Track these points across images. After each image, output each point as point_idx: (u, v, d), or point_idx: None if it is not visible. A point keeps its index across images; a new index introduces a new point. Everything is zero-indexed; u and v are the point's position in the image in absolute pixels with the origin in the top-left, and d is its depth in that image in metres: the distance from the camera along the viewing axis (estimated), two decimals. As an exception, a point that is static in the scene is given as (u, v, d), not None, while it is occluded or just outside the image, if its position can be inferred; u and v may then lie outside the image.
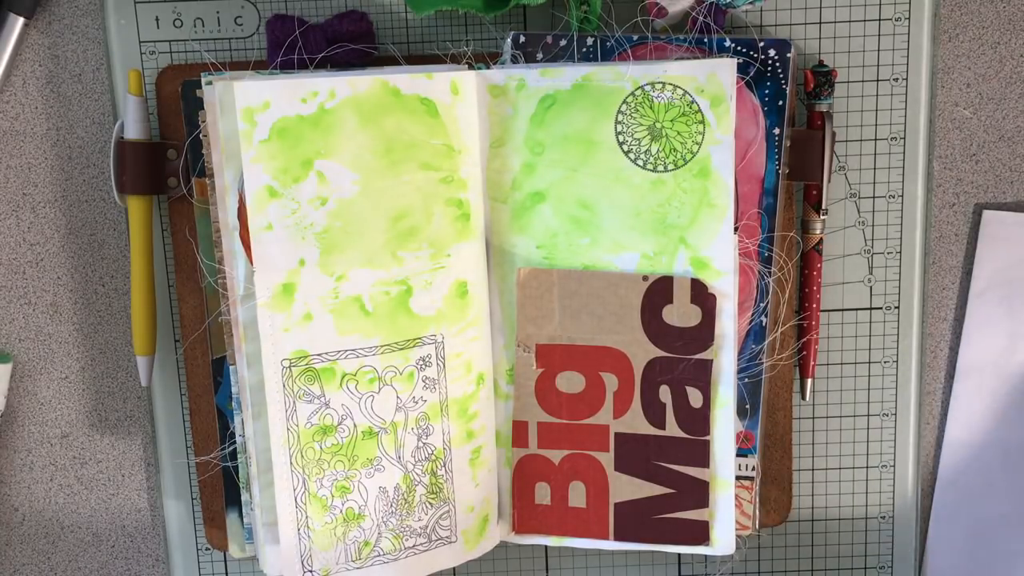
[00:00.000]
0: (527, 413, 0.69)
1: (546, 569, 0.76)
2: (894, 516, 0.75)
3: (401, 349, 0.65)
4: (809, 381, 0.72)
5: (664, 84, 0.64)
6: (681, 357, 0.67)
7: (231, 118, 0.61)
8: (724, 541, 0.69)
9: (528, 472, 0.70)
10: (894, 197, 0.71)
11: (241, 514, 0.71)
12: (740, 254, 0.67)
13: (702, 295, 0.66)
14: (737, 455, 0.69)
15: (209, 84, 0.61)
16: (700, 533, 0.69)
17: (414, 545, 0.68)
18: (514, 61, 0.67)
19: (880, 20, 0.69)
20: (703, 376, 0.67)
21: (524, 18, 0.70)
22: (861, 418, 0.74)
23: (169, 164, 0.69)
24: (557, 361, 0.68)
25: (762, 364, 0.69)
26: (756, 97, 0.67)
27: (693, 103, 0.64)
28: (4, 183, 0.72)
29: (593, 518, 0.70)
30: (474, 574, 0.76)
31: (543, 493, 0.70)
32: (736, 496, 0.70)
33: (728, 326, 0.67)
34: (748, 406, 0.70)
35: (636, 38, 0.67)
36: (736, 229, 0.66)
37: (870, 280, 0.72)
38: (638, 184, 0.65)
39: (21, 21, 0.69)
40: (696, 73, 0.64)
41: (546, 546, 0.76)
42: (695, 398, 0.68)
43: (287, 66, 0.66)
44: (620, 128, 0.65)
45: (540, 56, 0.67)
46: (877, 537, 0.76)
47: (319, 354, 0.64)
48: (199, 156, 0.67)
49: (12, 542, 0.76)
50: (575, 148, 0.66)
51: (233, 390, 0.66)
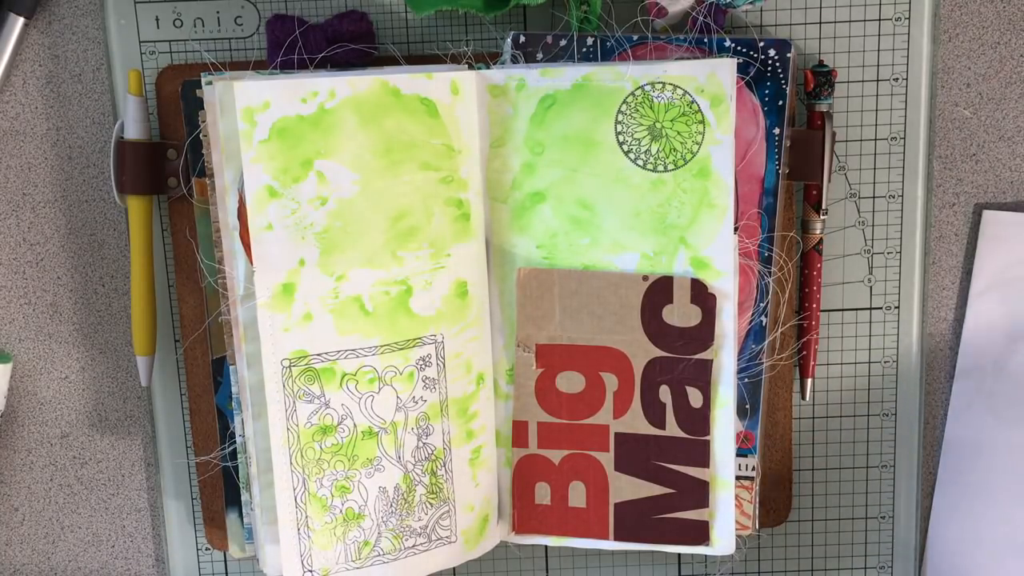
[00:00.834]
0: (527, 413, 0.69)
1: (546, 569, 0.76)
2: (894, 516, 0.75)
3: (401, 349, 0.65)
4: (809, 381, 0.72)
5: (664, 84, 0.64)
6: (681, 357, 0.67)
7: (231, 118, 0.61)
8: (724, 541, 0.69)
9: (528, 472, 0.70)
10: (894, 197, 0.71)
11: (241, 514, 0.71)
12: (740, 254, 0.67)
13: (702, 295, 0.66)
14: (737, 455, 0.69)
15: (209, 84, 0.61)
16: (700, 533, 0.69)
17: (414, 545, 0.68)
18: (514, 61, 0.67)
19: (880, 20, 0.69)
20: (703, 376, 0.67)
21: (524, 18, 0.70)
22: (861, 418, 0.74)
23: (169, 164, 0.69)
24: (557, 361, 0.68)
25: (762, 364, 0.69)
26: (756, 97, 0.67)
27: (693, 103, 0.64)
28: (4, 183, 0.72)
29: (593, 518, 0.70)
30: (474, 574, 0.76)
31: (543, 493, 0.70)
32: (736, 496, 0.70)
33: (728, 326, 0.67)
34: (748, 406, 0.70)
35: (636, 38, 0.67)
36: (736, 229, 0.66)
37: (870, 280, 0.72)
38: (638, 184, 0.65)
39: (21, 21, 0.69)
40: (696, 73, 0.64)
41: (546, 546, 0.76)
42: (695, 398, 0.68)
43: (287, 66, 0.66)
44: (620, 128, 0.65)
45: (540, 56, 0.67)
46: (877, 537, 0.76)
47: (319, 354, 0.64)
48: (199, 156, 0.67)
49: (12, 542, 0.76)
50: (575, 148, 0.66)
51: (233, 390, 0.66)
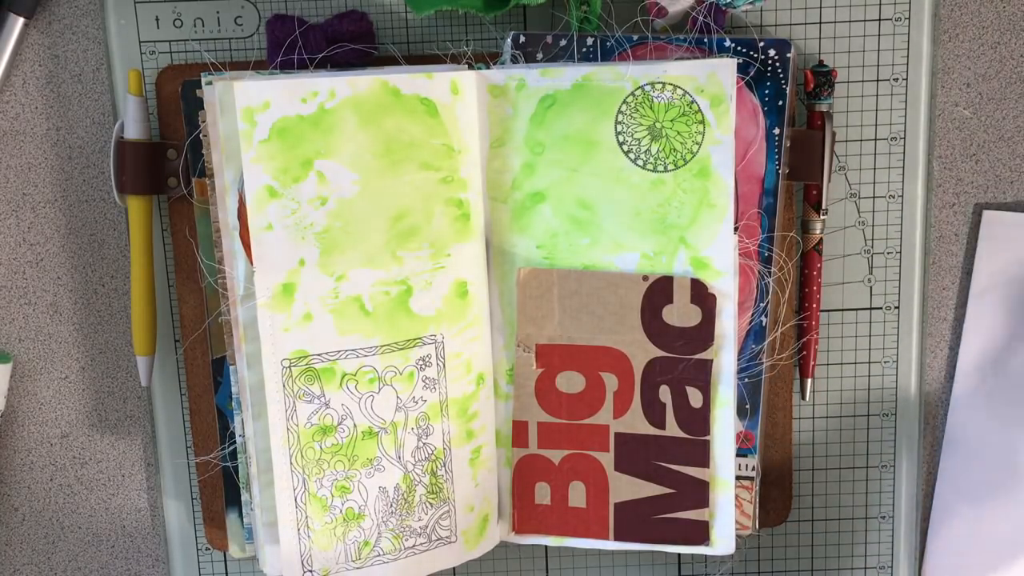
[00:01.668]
0: (527, 413, 0.69)
1: (546, 569, 0.76)
2: (894, 516, 0.75)
3: (401, 349, 0.65)
4: (809, 381, 0.72)
5: (664, 84, 0.64)
6: (681, 357, 0.67)
7: (231, 118, 0.61)
8: (724, 541, 0.69)
9: (528, 472, 0.70)
10: (894, 197, 0.71)
11: (241, 514, 0.71)
12: (740, 254, 0.67)
13: (702, 295, 0.66)
14: (737, 455, 0.69)
15: (209, 84, 0.61)
16: (700, 533, 0.69)
17: (414, 545, 0.68)
18: (514, 61, 0.67)
19: (880, 20, 0.69)
20: (703, 376, 0.67)
21: (524, 18, 0.70)
22: (861, 418, 0.74)
23: (169, 164, 0.69)
24: (557, 361, 0.68)
25: (762, 364, 0.69)
26: (756, 97, 0.67)
27: (693, 103, 0.64)
28: (4, 183, 0.72)
29: (593, 518, 0.70)
30: (474, 574, 0.76)
31: (543, 493, 0.70)
32: (736, 496, 0.70)
33: (728, 326, 0.67)
34: (748, 406, 0.70)
35: (636, 38, 0.67)
36: (736, 229, 0.66)
37: (870, 280, 0.72)
38: (638, 184, 0.65)
39: (21, 21, 0.69)
40: (696, 73, 0.64)
41: (546, 546, 0.76)
42: (695, 398, 0.68)
43: (287, 66, 0.66)
44: (620, 128, 0.65)
45: (540, 56, 0.67)
46: (877, 537, 0.76)
47: (319, 354, 0.64)
48: (199, 156, 0.67)
49: (12, 542, 0.76)
50: (575, 148, 0.66)
51: (233, 390, 0.66)
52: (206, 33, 0.69)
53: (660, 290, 0.66)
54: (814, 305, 0.71)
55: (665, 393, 0.68)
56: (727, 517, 0.69)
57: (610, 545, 0.70)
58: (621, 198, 0.66)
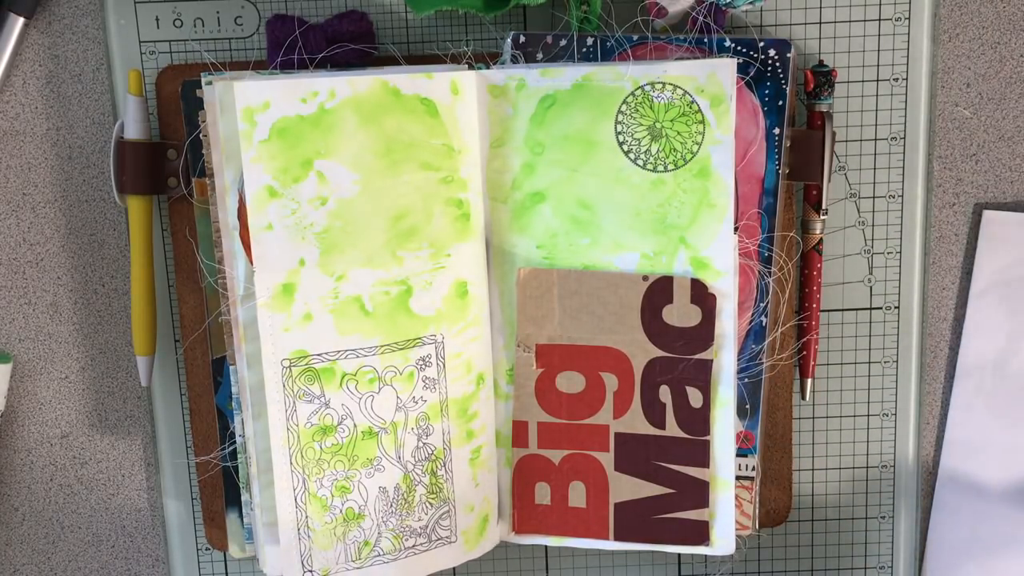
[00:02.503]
0: (527, 413, 0.69)
1: (546, 569, 0.76)
2: (894, 516, 0.75)
3: (401, 349, 0.65)
4: (809, 381, 0.72)
5: (664, 84, 0.64)
6: (681, 357, 0.67)
7: (231, 118, 0.61)
8: (724, 541, 0.69)
9: (528, 472, 0.70)
10: (894, 197, 0.71)
11: (241, 514, 0.71)
12: (740, 254, 0.67)
13: (702, 295, 0.66)
14: (737, 455, 0.69)
15: (209, 84, 0.61)
16: (700, 533, 0.69)
17: (414, 545, 0.68)
18: (514, 61, 0.67)
19: (880, 20, 0.69)
20: (703, 376, 0.67)
21: (524, 18, 0.70)
22: (861, 418, 0.74)
23: (169, 164, 0.69)
24: (557, 361, 0.68)
25: (762, 364, 0.69)
26: (756, 97, 0.67)
27: (693, 103, 0.64)
28: (4, 183, 0.72)
29: (593, 518, 0.70)
30: (474, 574, 0.76)
31: (543, 493, 0.70)
32: (736, 496, 0.70)
33: (728, 326, 0.67)
34: (748, 406, 0.70)
35: (636, 38, 0.67)
36: (736, 229, 0.66)
37: (870, 280, 0.72)
38: (638, 184, 0.65)
39: (21, 21, 0.69)
40: (696, 73, 0.64)
41: (546, 546, 0.76)
42: (695, 398, 0.68)
43: (287, 66, 0.66)
44: (620, 128, 0.65)
45: (540, 56, 0.67)
46: (877, 537, 0.76)
47: (319, 354, 0.64)
48: (199, 156, 0.67)
49: (12, 542, 0.76)
50: (575, 148, 0.66)
51: (233, 390, 0.66)
52: (206, 33, 0.69)
53: (660, 290, 0.66)
54: (814, 305, 0.71)
55: (665, 393, 0.68)
56: (727, 517, 0.69)
57: (610, 545, 0.70)
58: (621, 198, 0.66)
